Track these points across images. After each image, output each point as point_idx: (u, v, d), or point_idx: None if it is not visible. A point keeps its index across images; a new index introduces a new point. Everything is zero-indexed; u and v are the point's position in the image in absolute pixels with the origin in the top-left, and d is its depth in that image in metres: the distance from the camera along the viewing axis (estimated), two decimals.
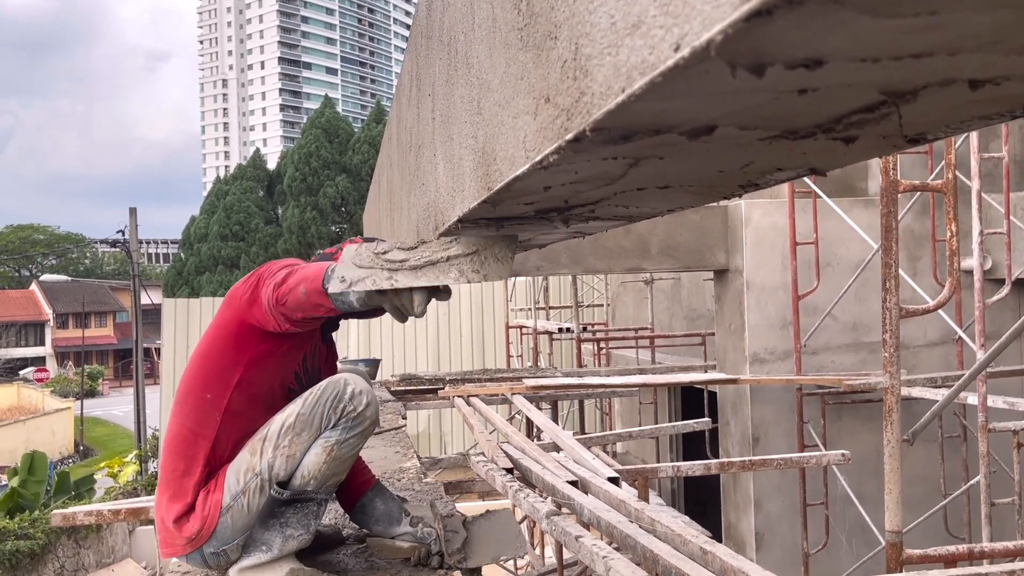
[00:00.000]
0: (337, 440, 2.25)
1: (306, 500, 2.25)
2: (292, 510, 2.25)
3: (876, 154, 1.00)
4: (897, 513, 3.23)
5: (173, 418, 2.35)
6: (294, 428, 2.25)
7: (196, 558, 2.29)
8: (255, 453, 2.26)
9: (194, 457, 2.28)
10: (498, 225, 1.73)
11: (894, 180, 3.32)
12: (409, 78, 2.65)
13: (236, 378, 2.28)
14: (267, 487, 2.24)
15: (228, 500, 2.25)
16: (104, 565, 12.73)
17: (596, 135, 0.80)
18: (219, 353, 2.29)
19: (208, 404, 2.28)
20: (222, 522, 2.24)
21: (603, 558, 2.40)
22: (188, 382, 2.33)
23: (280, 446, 2.25)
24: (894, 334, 3.29)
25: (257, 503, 2.25)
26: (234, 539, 2.26)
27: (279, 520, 2.24)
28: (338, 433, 2.26)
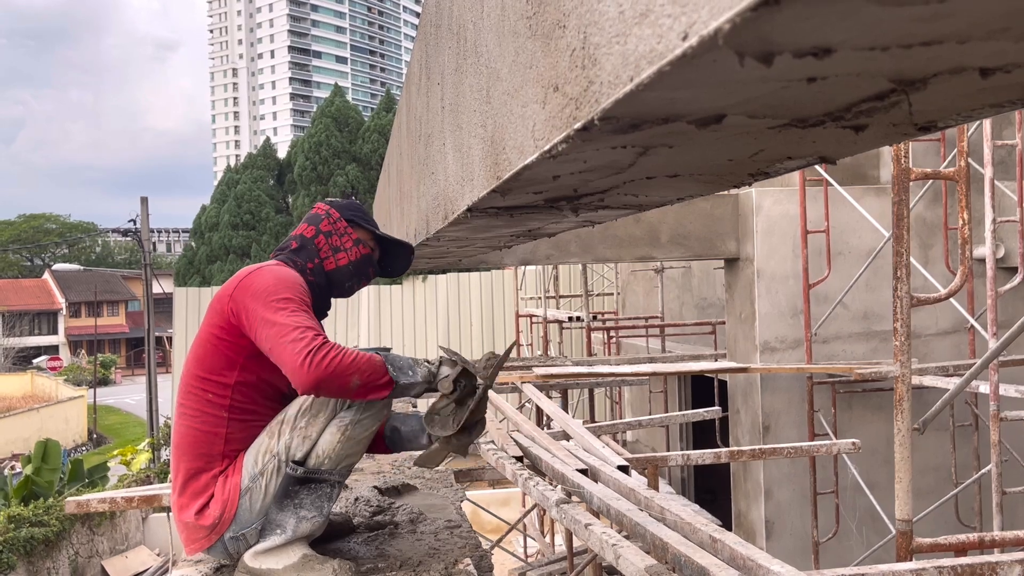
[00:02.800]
0: (351, 420, 2.28)
1: (320, 481, 2.27)
2: (307, 491, 2.26)
3: (886, 142, 0.99)
4: (907, 501, 3.22)
5: (180, 419, 2.36)
6: (311, 410, 2.29)
7: (218, 548, 2.31)
8: (273, 435, 2.30)
9: (210, 455, 2.30)
10: (508, 214, 1.73)
11: (906, 168, 3.30)
12: (419, 67, 2.65)
13: (232, 380, 2.30)
14: (283, 467, 2.27)
15: (247, 482, 2.27)
16: (118, 552, 12.84)
17: (605, 124, 0.80)
18: (213, 357, 2.31)
19: (212, 404, 2.30)
20: (241, 504, 2.27)
21: (612, 546, 2.40)
22: (188, 381, 2.34)
23: (297, 427, 2.28)
24: (905, 323, 3.27)
25: (275, 484, 2.27)
26: (253, 522, 2.28)
27: (293, 501, 2.26)
28: (352, 414, 2.28)
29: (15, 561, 10.46)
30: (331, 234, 2.52)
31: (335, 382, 2.08)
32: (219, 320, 2.29)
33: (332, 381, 2.07)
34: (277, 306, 2.19)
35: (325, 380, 2.06)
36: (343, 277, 2.52)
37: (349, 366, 2.09)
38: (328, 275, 2.49)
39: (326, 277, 2.49)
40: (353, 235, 2.53)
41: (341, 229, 2.53)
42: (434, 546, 2.45)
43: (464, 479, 4.72)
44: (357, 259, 2.53)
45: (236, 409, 2.31)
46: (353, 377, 2.09)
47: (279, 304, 2.20)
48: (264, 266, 2.38)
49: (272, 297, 2.21)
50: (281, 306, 2.19)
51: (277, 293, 2.23)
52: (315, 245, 2.50)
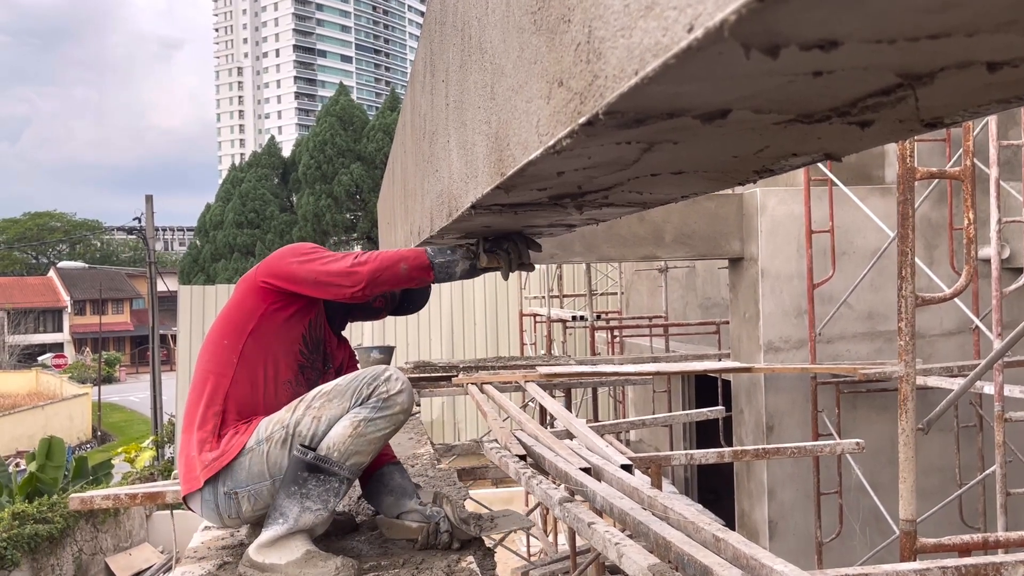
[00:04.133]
0: (365, 417, 2.32)
1: (329, 474, 2.28)
2: (315, 481, 2.28)
3: (892, 139, 0.99)
4: (911, 502, 3.21)
5: (196, 367, 2.55)
6: (328, 394, 2.37)
7: (210, 500, 2.35)
8: (290, 410, 2.39)
9: (214, 393, 2.44)
10: (512, 211, 1.73)
11: (911, 167, 3.29)
12: (423, 65, 2.65)
13: (251, 327, 2.47)
14: (289, 441, 2.34)
15: (252, 443, 2.35)
16: (122, 549, 12.85)
17: (609, 119, 0.79)
18: (237, 311, 2.51)
19: (226, 350, 2.46)
20: (240, 461, 2.34)
21: (615, 544, 2.40)
22: (211, 335, 2.54)
23: (312, 407, 2.36)
24: (910, 322, 3.26)
25: (276, 455, 2.33)
26: (247, 484, 2.33)
27: (301, 490, 2.28)
28: (366, 411, 2.32)
29: (19, 558, 10.48)
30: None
31: (388, 271, 2.33)
32: (247, 287, 2.53)
33: (385, 270, 2.32)
34: (312, 254, 2.46)
35: (377, 270, 2.32)
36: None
37: (394, 255, 2.34)
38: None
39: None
40: None
41: None
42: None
43: (467, 477, 4.72)
44: None
45: (244, 357, 2.45)
46: (401, 263, 2.32)
47: (312, 251, 2.48)
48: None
49: (303, 249, 2.50)
50: (315, 251, 2.48)
51: (305, 248, 2.50)
52: None
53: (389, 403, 2.35)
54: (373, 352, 6.08)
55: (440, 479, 3.37)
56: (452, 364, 7.49)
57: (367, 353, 5.98)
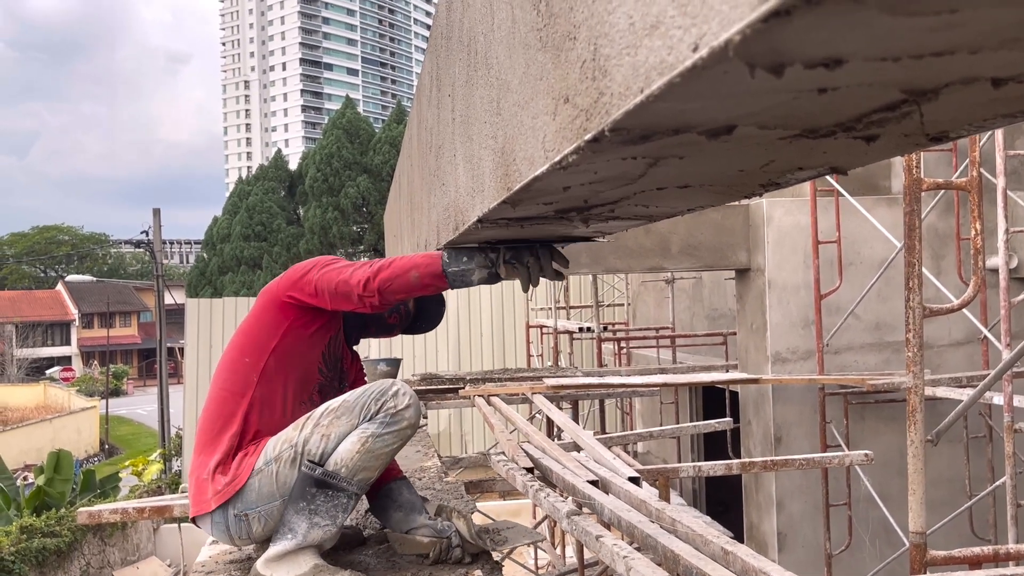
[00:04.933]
0: (373, 433, 2.31)
1: (337, 489, 2.28)
2: (323, 497, 2.28)
3: (898, 152, 0.99)
4: (921, 514, 3.19)
5: (212, 388, 2.51)
6: (336, 412, 2.36)
7: (220, 522, 2.34)
8: (297, 428, 2.37)
9: (231, 415, 2.41)
10: (518, 224, 1.73)
11: (917, 178, 3.29)
12: (429, 79, 2.66)
13: (273, 344, 2.45)
14: (299, 460, 2.32)
15: (261, 464, 2.34)
16: (129, 563, 12.85)
17: (615, 135, 0.80)
18: (259, 326, 2.48)
19: (246, 367, 2.44)
20: (250, 483, 2.32)
21: (624, 558, 2.39)
22: (229, 354, 2.51)
23: (320, 424, 2.34)
24: (918, 333, 3.25)
25: (286, 473, 2.32)
26: (258, 505, 2.32)
27: (309, 505, 2.27)
28: (375, 427, 2.32)
29: (27, 572, 10.49)
30: None
31: (399, 279, 2.27)
32: (269, 300, 2.51)
33: (396, 279, 2.27)
34: (332, 264, 2.45)
35: (388, 279, 2.27)
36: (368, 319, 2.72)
37: (406, 262, 2.29)
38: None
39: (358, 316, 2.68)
40: None
41: None
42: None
43: (475, 490, 4.71)
44: None
45: (265, 375, 2.43)
46: (412, 271, 2.26)
47: (332, 261, 2.47)
48: None
49: (324, 261, 2.49)
50: (335, 261, 2.47)
51: (326, 259, 2.49)
52: None
53: (397, 418, 2.34)
54: (380, 365, 6.09)
55: (447, 492, 3.37)
56: (459, 376, 7.49)
57: (374, 366, 5.98)
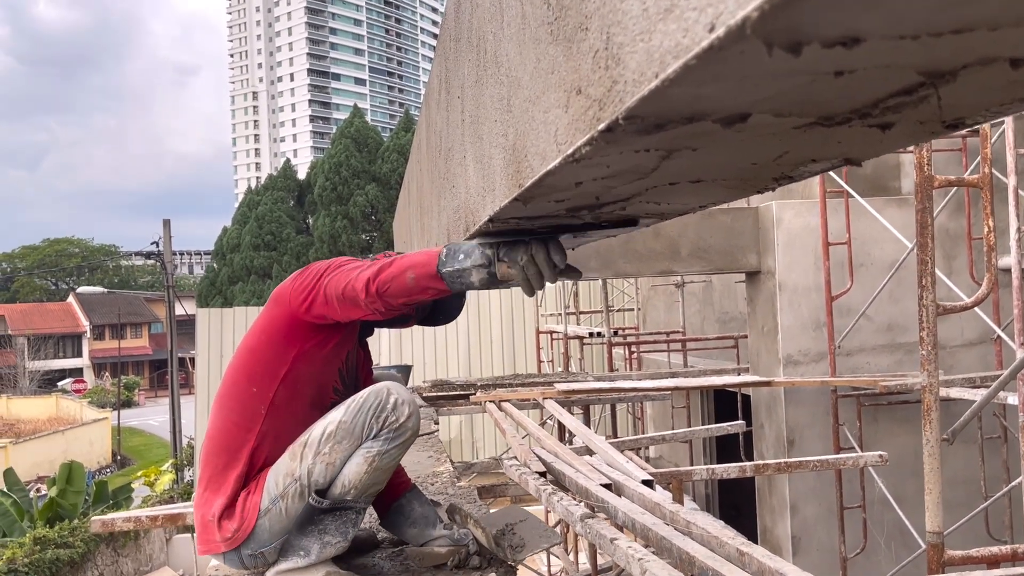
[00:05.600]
0: (379, 451, 2.24)
1: (345, 508, 2.26)
2: (331, 518, 2.25)
3: (913, 141, 0.98)
4: (938, 514, 3.17)
5: (215, 414, 2.36)
6: (335, 436, 2.25)
7: (234, 558, 2.30)
8: (295, 458, 2.27)
9: (237, 451, 2.30)
10: (530, 223, 1.73)
11: (929, 175, 3.27)
12: (438, 82, 2.66)
13: (283, 371, 2.30)
14: (306, 493, 2.25)
15: (267, 503, 2.26)
16: (142, 573, 12.88)
17: (629, 124, 0.79)
18: (267, 347, 2.31)
19: (253, 398, 2.30)
20: (259, 524, 2.25)
21: (639, 560, 2.38)
22: (233, 376, 2.35)
23: (321, 452, 2.24)
24: (932, 331, 3.23)
25: (295, 508, 2.26)
26: (271, 542, 2.27)
27: (317, 527, 2.24)
28: (380, 444, 2.25)
29: None
30: None
31: (395, 281, 2.08)
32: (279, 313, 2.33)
33: (392, 281, 2.09)
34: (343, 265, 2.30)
35: (387, 281, 2.09)
36: None
37: (404, 262, 2.12)
38: None
39: None
40: None
41: None
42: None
43: (487, 495, 4.70)
44: None
45: (276, 406, 2.30)
46: (408, 272, 2.08)
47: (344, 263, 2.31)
48: None
49: (337, 263, 2.33)
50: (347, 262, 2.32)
51: (339, 261, 2.34)
52: None
53: (400, 431, 2.27)
54: (392, 371, 6.08)
55: (460, 496, 3.36)
56: (470, 382, 7.48)
57: (386, 372, 5.98)
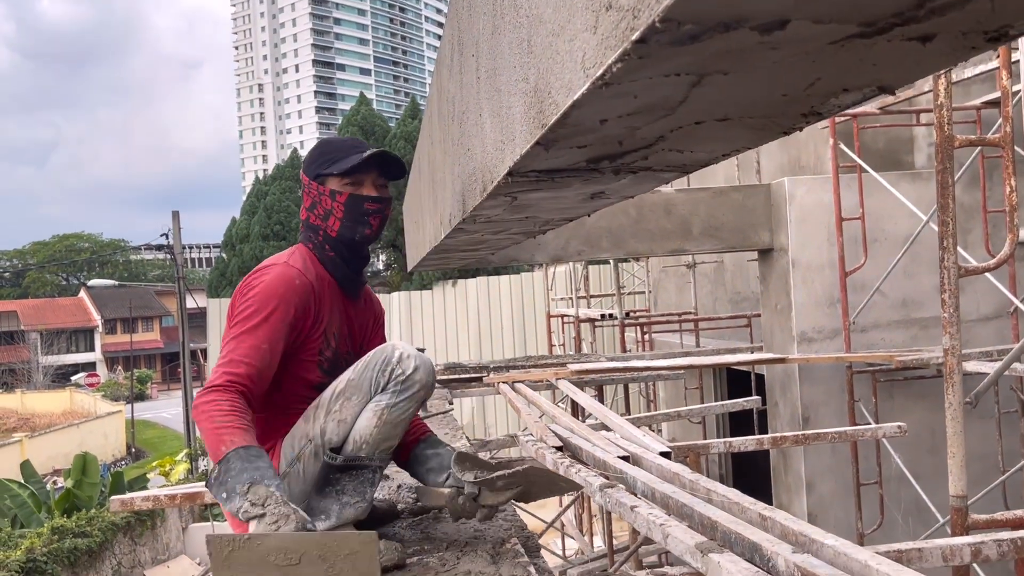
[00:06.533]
0: (388, 404, 2.24)
1: (361, 467, 2.25)
2: (348, 477, 2.24)
3: (951, 59, 0.95)
4: (962, 477, 3.14)
5: None
6: (344, 393, 2.27)
7: None
8: (308, 420, 2.29)
9: None
10: (549, 178, 1.70)
11: (949, 135, 3.23)
12: (450, 48, 2.63)
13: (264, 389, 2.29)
14: (321, 453, 2.26)
15: (284, 467, 2.27)
16: (159, 562, 12.94)
17: (664, 31, 0.77)
18: None
19: None
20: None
21: (660, 526, 2.36)
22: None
23: (332, 411, 2.26)
24: (953, 293, 3.19)
25: (312, 469, 2.27)
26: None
27: (335, 488, 2.24)
28: (388, 397, 2.24)
29: (60, 572, 10.58)
30: (314, 204, 2.44)
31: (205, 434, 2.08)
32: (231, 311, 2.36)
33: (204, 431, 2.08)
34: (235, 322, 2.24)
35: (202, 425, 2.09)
36: (350, 234, 2.40)
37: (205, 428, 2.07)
38: (340, 240, 2.41)
39: (339, 242, 2.42)
40: (326, 190, 2.40)
41: (315, 193, 2.43)
42: (479, 529, 2.42)
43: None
44: (345, 212, 2.39)
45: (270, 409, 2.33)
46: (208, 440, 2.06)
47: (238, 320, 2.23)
48: (265, 267, 2.37)
49: (238, 312, 2.25)
50: (237, 323, 2.23)
51: (245, 309, 2.24)
52: (310, 221, 2.45)
53: (408, 383, 2.26)
54: None
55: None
56: (482, 365, 7.48)
57: None
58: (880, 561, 1.90)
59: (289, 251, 2.46)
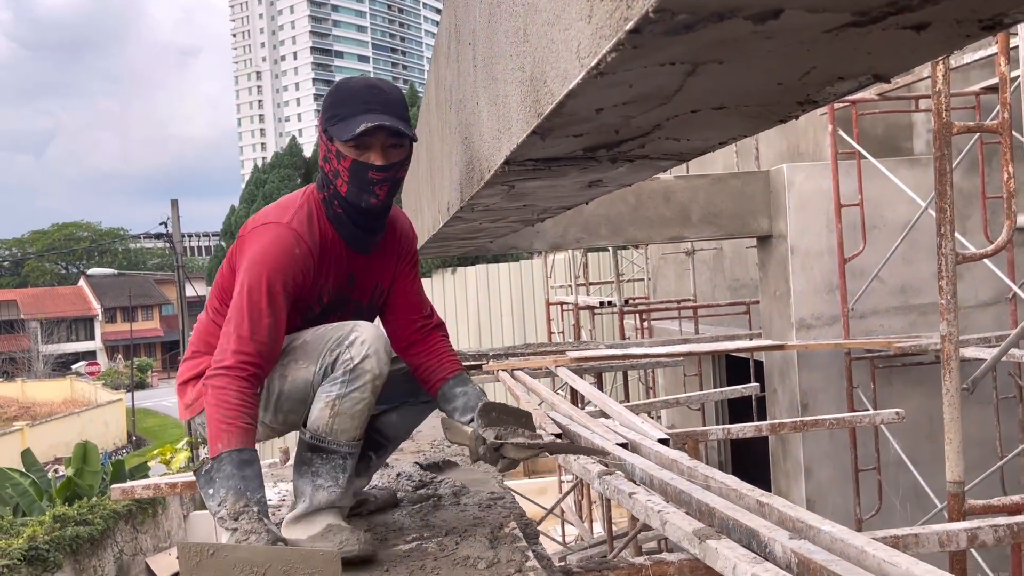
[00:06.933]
0: (337, 395, 2.18)
1: (329, 452, 2.22)
2: (320, 460, 2.22)
3: (946, 47, 0.95)
4: (958, 463, 3.15)
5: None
6: (295, 352, 2.23)
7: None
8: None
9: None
10: (546, 167, 1.70)
11: (947, 122, 3.22)
12: (447, 36, 2.63)
13: None
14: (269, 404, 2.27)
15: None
16: (161, 549, 12.98)
17: (658, 21, 0.77)
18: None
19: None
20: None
21: (658, 512, 2.37)
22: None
23: (281, 363, 2.23)
24: (951, 280, 3.20)
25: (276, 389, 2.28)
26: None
27: (310, 469, 2.23)
28: (337, 387, 2.18)
29: (62, 560, 10.61)
30: (326, 157, 2.27)
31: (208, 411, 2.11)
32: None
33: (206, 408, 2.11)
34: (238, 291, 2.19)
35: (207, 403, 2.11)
36: (356, 200, 2.23)
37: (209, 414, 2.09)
38: (348, 201, 2.24)
39: (348, 204, 2.25)
40: (334, 148, 2.22)
41: (325, 147, 2.27)
42: (478, 516, 2.44)
43: None
44: (350, 178, 2.20)
45: None
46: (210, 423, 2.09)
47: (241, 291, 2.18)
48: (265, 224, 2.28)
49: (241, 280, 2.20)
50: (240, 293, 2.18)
51: (248, 278, 2.19)
52: (324, 171, 2.29)
53: (356, 373, 2.17)
54: None
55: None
56: (481, 352, 7.49)
57: None
58: (876, 547, 1.91)
59: (297, 199, 2.34)
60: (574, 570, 2.38)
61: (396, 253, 2.49)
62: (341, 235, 2.31)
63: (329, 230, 2.30)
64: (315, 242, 2.25)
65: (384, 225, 2.37)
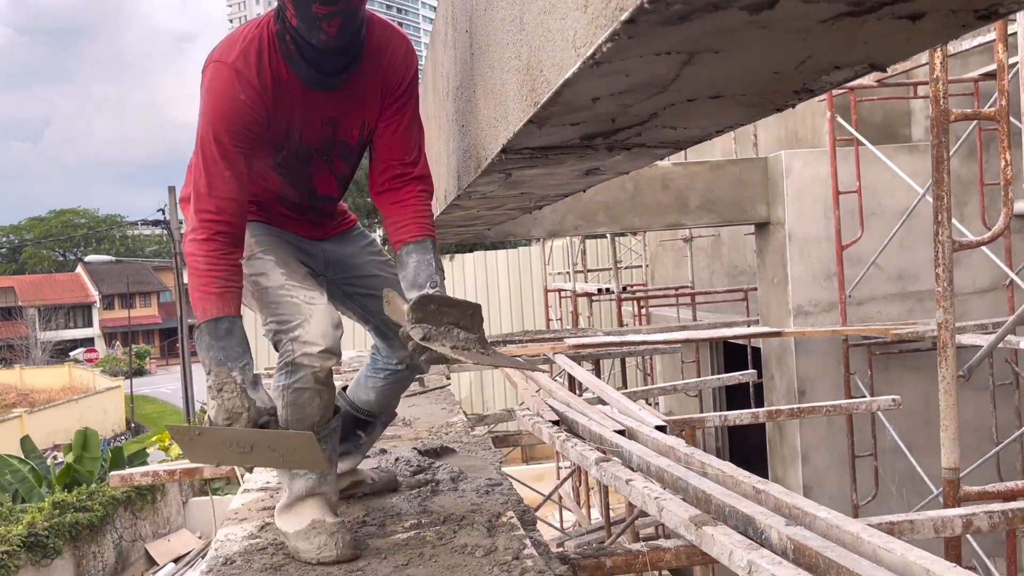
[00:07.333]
0: (284, 386, 2.16)
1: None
2: None
3: (941, 37, 0.95)
4: (954, 450, 3.17)
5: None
6: (263, 299, 2.20)
7: None
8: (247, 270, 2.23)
9: None
10: (543, 156, 1.70)
11: (945, 109, 3.22)
12: (444, 23, 2.62)
13: None
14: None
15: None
16: (160, 535, 13.03)
17: (653, 12, 0.77)
18: None
19: None
20: None
21: (655, 499, 2.39)
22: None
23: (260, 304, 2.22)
24: (947, 267, 3.20)
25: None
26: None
27: None
28: (282, 378, 2.16)
29: (61, 546, 10.65)
30: None
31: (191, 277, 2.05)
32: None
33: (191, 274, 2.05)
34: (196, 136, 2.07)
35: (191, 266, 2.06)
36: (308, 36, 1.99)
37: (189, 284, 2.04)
38: (301, 36, 2.01)
39: (301, 39, 2.02)
40: None
41: None
42: (476, 502, 2.45)
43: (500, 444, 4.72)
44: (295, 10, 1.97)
45: None
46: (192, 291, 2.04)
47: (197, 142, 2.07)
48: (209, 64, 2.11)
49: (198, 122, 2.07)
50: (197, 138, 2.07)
51: (200, 129, 2.07)
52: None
53: (295, 367, 2.13)
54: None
55: (475, 445, 3.38)
56: None
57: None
58: (871, 533, 1.93)
59: (250, 31, 2.11)
60: (572, 556, 2.39)
61: (381, 86, 2.21)
62: (298, 76, 2.08)
63: (283, 68, 2.07)
64: (264, 83, 2.05)
65: (349, 65, 2.11)
